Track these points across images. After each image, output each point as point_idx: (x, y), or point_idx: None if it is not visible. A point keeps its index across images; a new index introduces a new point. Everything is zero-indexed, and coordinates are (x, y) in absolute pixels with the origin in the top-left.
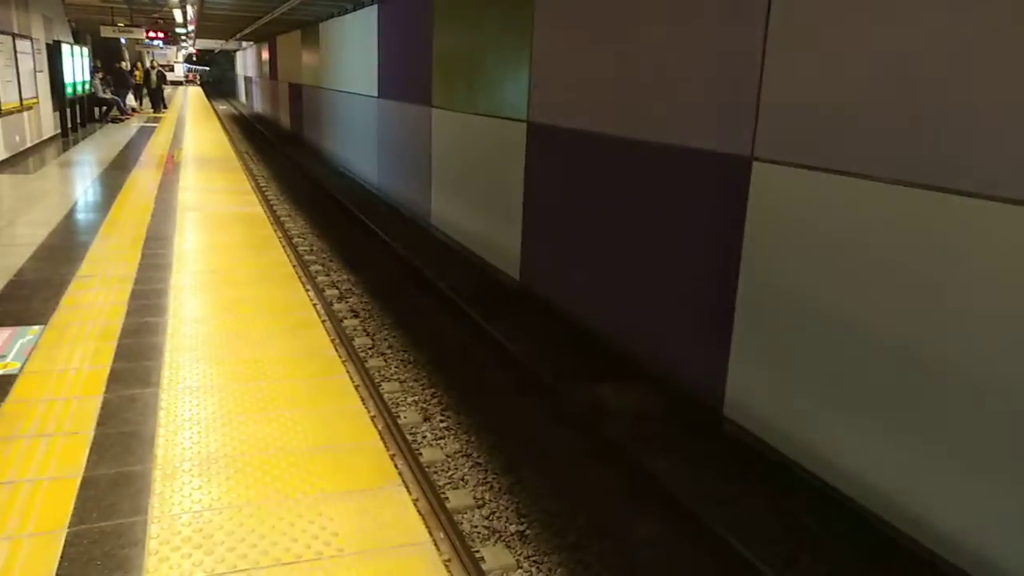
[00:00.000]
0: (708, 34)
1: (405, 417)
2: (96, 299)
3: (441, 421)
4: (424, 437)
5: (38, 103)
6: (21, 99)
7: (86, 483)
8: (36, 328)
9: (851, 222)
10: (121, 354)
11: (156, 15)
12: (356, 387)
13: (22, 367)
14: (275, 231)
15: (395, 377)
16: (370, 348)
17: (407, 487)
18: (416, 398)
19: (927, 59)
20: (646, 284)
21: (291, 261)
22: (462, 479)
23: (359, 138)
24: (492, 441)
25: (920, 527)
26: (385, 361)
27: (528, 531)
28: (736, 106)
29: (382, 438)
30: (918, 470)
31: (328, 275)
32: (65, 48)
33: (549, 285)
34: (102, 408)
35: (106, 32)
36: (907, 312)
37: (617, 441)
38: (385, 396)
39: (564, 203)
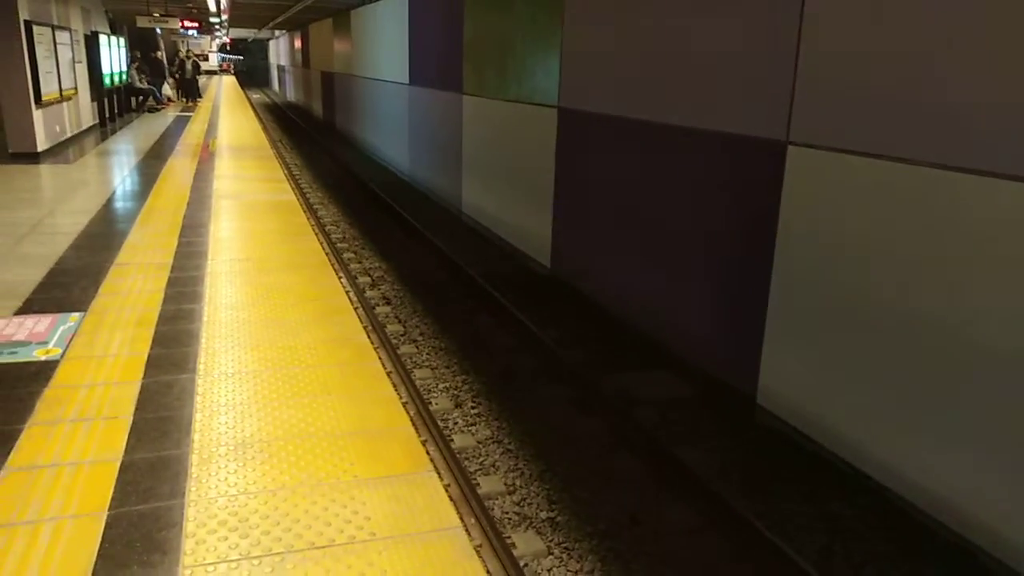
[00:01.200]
0: (740, 13)
1: (436, 403)
2: (134, 286)
3: (472, 408)
4: (455, 423)
5: (77, 93)
6: (60, 90)
7: (125, 467)
8: (76, 315)
9: (889, 208)
10: (158, 340)
11: (190, 4)
12: (388, 373)
13: (63, 353)
14: (308, 219)
15: (427, 364)
16: (402, 335)
17: (439, 473)
18: (447, 384)
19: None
20: (678, 271)
21: (324, 248)
22: (493, 465)
23: (390, 125)
24: (523, 428)
25: (969, 526)
26: (417, 348)
27: (559, 518)
28: (770, 88)
29: (414, 424)
30: (959, 463)
31: (360, 262)
32: (103, 39)
33: (580, 272)
34: (140, 393)
35: (142, 22)
36: (952, 301)
37: (648, 429)
38: (417, 382)
39: (595, 189)
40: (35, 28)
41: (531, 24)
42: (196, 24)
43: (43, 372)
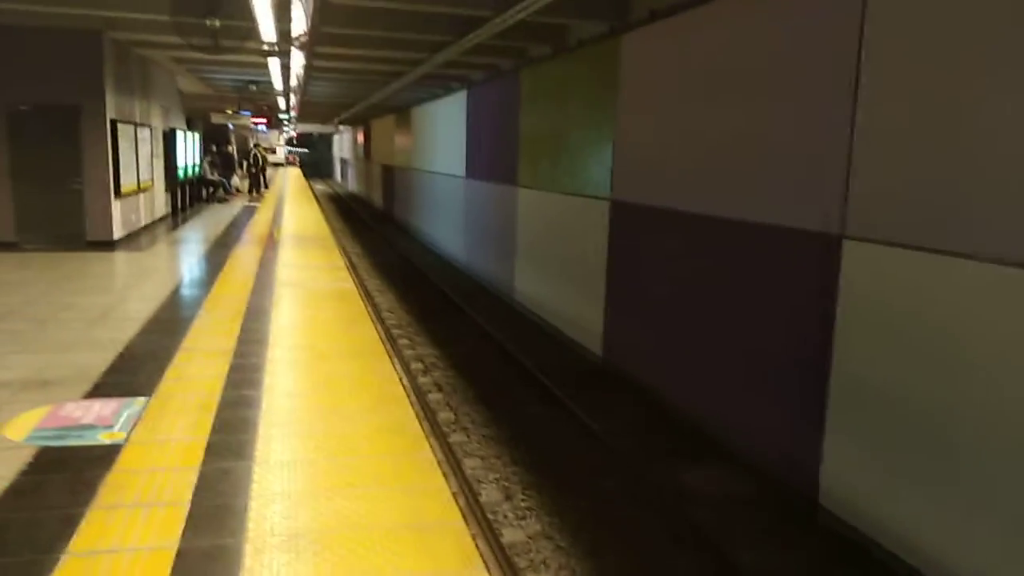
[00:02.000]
0: (791, 109)
1: (487, 495)
2: (198, 371)
3: (522, 500)
4: (505, 516)
5: (152, 185)
6: (138, 182)
7: (181, 554)
8: (142, 399)
9: (960, 307)
10: (218, 427)
11: (262, 102)
12: (439, 462)
13: (127, 437)
14: (365, 306)
15: (477, 453)
16: (453, 423)
17: (488, 570)
18: (497, 475)
19: None
20: (733, 363)
21: (380, 336)
22: (543, 563)
23: (447, 216)
24: (574, 522)
25: None
26: (467, 436)
27: None
28: (822, 181)
29: (464, 516)
30: None
31: (414, 348)
32: (179, 134)
33: (633, 362)
34: (199, 480)
35: (216, 118)
36: None
37: (704, 527)
38: (467, 472)
39: (648, 280)
40: (119, 126)
41: (584, 120)
42: (266, 120)
43: (107, 456)
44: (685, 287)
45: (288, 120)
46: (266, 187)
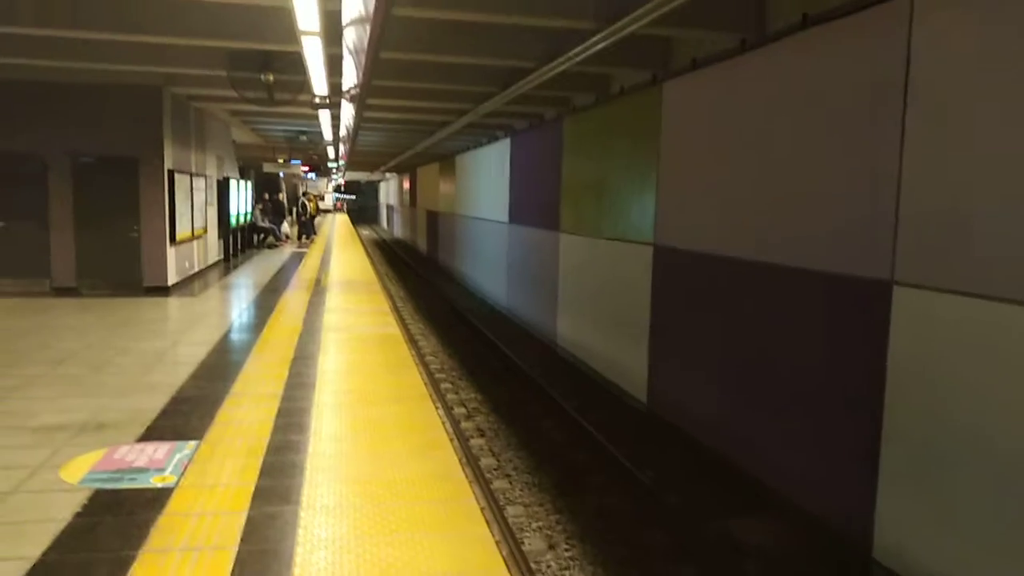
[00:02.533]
0: (838, 155)
1: (530, 544)
2: (246, 416)
3: (566, 550)
4: (548, 567)
5: (206, 232)
6: (193, 230)
7: None
8: (192, 443)
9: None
10: (266, 471)
11: (311, 152)
12: (482, 509)
13: (178, 480)
14: (410, 350)
15: (519, 500)
16: (495, 469)
17: None
18: (541, 524)
19: None
20: (781, 411)
21: (423, 380)
22: None
23: (490, 261)
24: (620, 575)
25: None
26: (510, 483)
27: None
28: (870, 227)
29: (507, 566)
30: None
31: (457, 393)
32: (232, 183)
33: (678, 409)
34: (246, 524)
35: (268, 168)
36: None
37: None
38: (510, 520)
39: (692, 326)
40: (176, 176)
41: (627, 165)
42: (315, 168)
43: (159, 499)
44: (731, 332)
45: (336, 168)
46: (315, 233)
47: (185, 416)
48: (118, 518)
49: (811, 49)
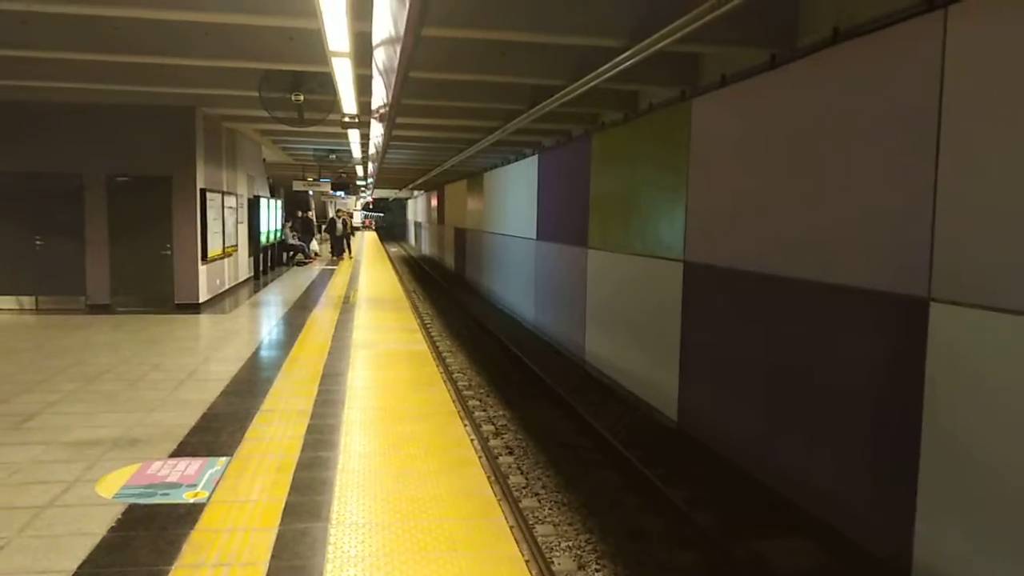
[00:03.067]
0: (872, 172)
1: (559, 563)
2: (276, 433)
3: (596, 570)
4: None
5: (236, 250)
6: (224, 247)
7: None
8: (223, 459)
9: None
10: (296, 487)
11: (341, 170)
12: (511, 528)
13: (209, 496)
14: (438, 367)
15: (548, 519)
16: (524, 487)
17: None
18: (570, 543)
19: None
20: (814, 430)
21: (451, 397)
22: None
23: (517, 278)
24: None
25: None
26: (539, 502)
27: None
28: (907, 244)
29: None
30: None
31: (485, 410)
32: (262, 201)
33: (709, 428)
34: (276, 540)
35: (297, 186)
36: None
37: None
38: (539, 539)
39: (724, 344)
40: (208, 195)
41: (656, 182)
42: (344, 187)
43: (191, 514)
44: (763, 351)
45: (365, 186)
46: (347, 251)
47: (216, 432)
48: (151, 533)
49: (844, 63)
